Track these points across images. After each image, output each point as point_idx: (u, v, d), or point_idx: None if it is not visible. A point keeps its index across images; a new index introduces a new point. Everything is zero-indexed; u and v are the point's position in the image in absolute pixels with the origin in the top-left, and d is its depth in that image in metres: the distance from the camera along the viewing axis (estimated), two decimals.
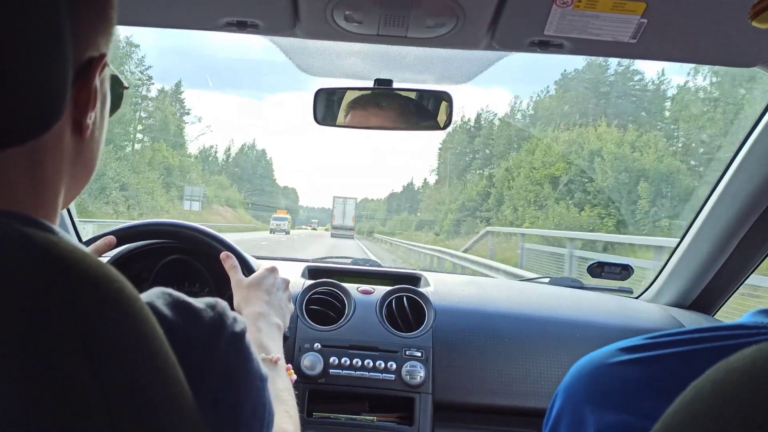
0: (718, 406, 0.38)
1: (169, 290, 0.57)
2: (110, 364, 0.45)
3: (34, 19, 0.48)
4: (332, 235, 49.56)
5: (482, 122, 51.50)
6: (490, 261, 12.95)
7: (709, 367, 0.42)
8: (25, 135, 0.50)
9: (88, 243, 1.32)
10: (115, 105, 0.65)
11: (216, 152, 73.05)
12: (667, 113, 34.77)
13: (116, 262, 1.57)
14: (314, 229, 79.42)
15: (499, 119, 50.28)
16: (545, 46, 1.23)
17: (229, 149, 79.67)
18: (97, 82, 0.56)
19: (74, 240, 0.54)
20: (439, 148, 56.85)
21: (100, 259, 1.49)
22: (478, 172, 48.19)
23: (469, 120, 53.48)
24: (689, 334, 0.65)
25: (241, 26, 1.24)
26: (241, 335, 0.59)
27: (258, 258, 1.79)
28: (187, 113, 54.85)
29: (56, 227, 0.53)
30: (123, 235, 1.45)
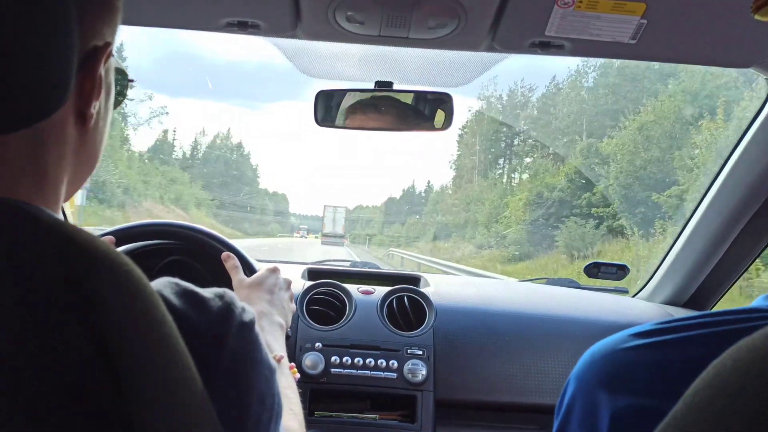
0: (741, 383, 0.38)
1: (177, 280, 0.56)
2: (122, 343, 0.43)
3: (41, 5, 0.47)
4: (323, 243, 44.41)
5: (519, 97, 38.45)
6: None
7: (724, 350, 0.42)
8: (25, 120, 0.49)
9: None
10: (120, 97, 0.65)
11: (174, 139, 53.77)
12: None
13: None
14: (303, 236, 61.25)
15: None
16: (546, 47, 1.22)
17: (196, 142, 59.22)
18: (102, 71, 0.56)
19: None
20: (460, 135, 42.09)
21: None
22: (534, 155, 33.51)
23: (500, 96, 39.85)
24: (700, 318, 0.65)
25: (242, 27, 1.23)
26: (250, 325, 0.58)
27: (258, 261, 1.77)
28: (131, 86, 44.25)
29: (58, 215, 0.52)
30: (121, 236, 1.43)
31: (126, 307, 0.45)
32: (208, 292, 0.57)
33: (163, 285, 0.55)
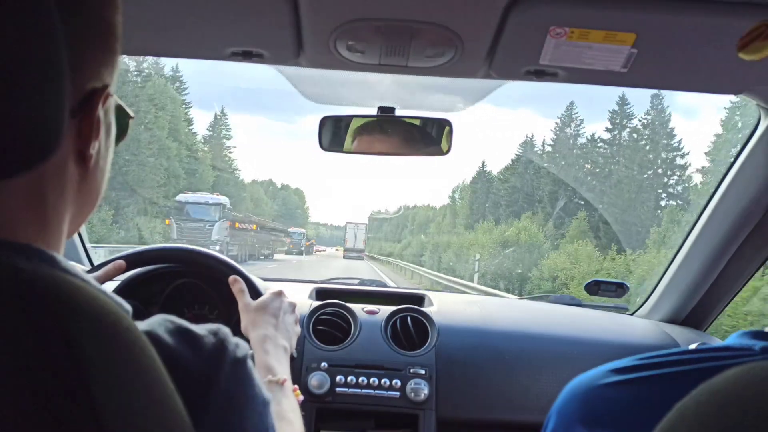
0: (702, 426, 0.39)
1: (171, 317, 0.55)
2: (105, 399, 0.42)
3: (29, 52, 0.45)
4: (345, 257, 44.86)
5: None
6: None
7: (695, 388, 0.43)
8: (18, 167, 0.48)
9: (97, 268, 1.30)
10: (121, 134, 0.64)
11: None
12: None
13: (126, 286, 1.54)
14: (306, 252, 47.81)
15: None
16: (541, 74, 1.22)
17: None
18: (101, 112, 0.54)
19: (77, 267, 0.52)
20: None
21: (110, 283, 1.45)
22: None
23: None
24: (677, 355, 0.66)
25: (247, 56, 1.23)
26: (243, 360, 0.57)
27: (265, 280, 1.76)
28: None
29: (58, 255, 0.50)
30: (133, 260, 1.42)
31: (110, 359, 0.44)
32: (202, 329, 0.56)
33: (158, 323, 0.54)
